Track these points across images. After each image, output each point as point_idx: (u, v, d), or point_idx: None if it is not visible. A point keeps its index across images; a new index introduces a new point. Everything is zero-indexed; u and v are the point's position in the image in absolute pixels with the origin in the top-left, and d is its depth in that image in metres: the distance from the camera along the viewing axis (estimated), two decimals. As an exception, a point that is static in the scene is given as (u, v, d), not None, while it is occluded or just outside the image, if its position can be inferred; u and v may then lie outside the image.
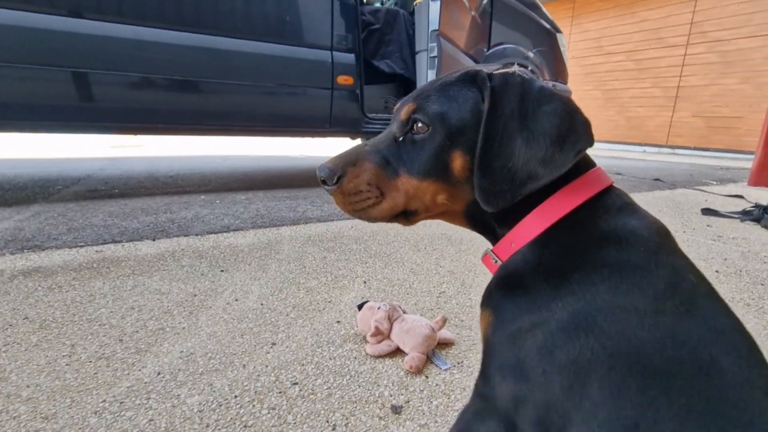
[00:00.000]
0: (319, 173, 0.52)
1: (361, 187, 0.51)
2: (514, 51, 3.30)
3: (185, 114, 2.19)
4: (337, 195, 0.52)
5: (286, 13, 2.34)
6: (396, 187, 0.51)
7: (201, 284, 1.17)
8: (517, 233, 0.47)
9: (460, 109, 0.48)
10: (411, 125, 0.51)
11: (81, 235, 1.52)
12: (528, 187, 0.43)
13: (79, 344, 0.86)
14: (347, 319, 1.00)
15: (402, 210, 0.52)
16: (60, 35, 1.81)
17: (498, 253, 0.50)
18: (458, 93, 0.49)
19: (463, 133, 0.48)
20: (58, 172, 3.09)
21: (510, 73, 0.47)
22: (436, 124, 0.48)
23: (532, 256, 0.45)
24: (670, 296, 0.36)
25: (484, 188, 0.44)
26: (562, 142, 0.42)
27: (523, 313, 0.40)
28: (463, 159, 0.48)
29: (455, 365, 0.84)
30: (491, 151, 0.44)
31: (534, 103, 0.44)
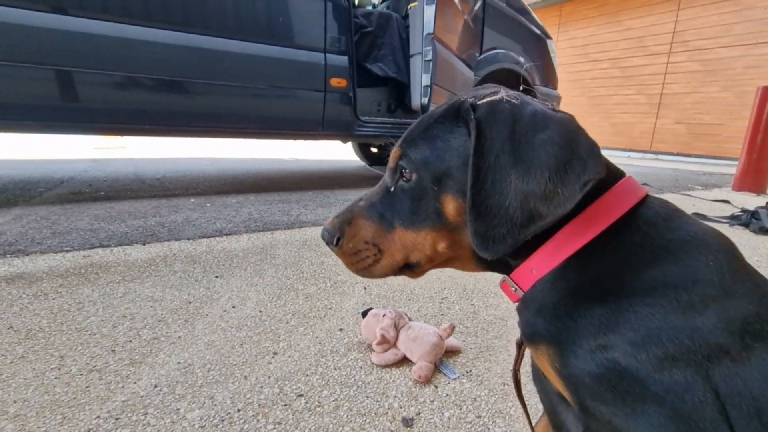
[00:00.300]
0: (322, 236, 0.52)
1: (359, 247, 0.49)
2: (505, 56, 3.33)
3: (174, 115, 2.14)
4: (340, 256, 0.51)
5: (278, 14, 2.31)
6: (394, 241, 0.48)
7: (196, 291, 1.12)
8: (538, 260, 0.43)
9: (444, 149, 0.44)
10: (399, 173, 0.48)
11: (66, 240, 1.45)
12: (531, 228, 0.38)
13: (68, 355, 0.81)
14: (350, 327, 0.98)
15: (403, 264, 0.49)
16: (43, 32, 1.74)
17: (518, 280, 0.46)
18: (441, 132, 0.45)
19: (450, 175, 0.44)
20: (39, 173, 2.99)
21: (497, 101, 0.42)
22: (420, 170, 0.45)
23: (567, 281, 0.41)
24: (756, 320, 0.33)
25: (480, 233, 0.39)
26: (564, 174, 0.37)
27: (587, 341, 0.37)
28: (456, 202, 0.44)
29: (464, 374, 0.82)
30: (483, 191, 0.39)
31: (527, 131, 0.39)
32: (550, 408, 0.46)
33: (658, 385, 0.33)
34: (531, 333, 0.43)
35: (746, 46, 6.79)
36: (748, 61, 6.78)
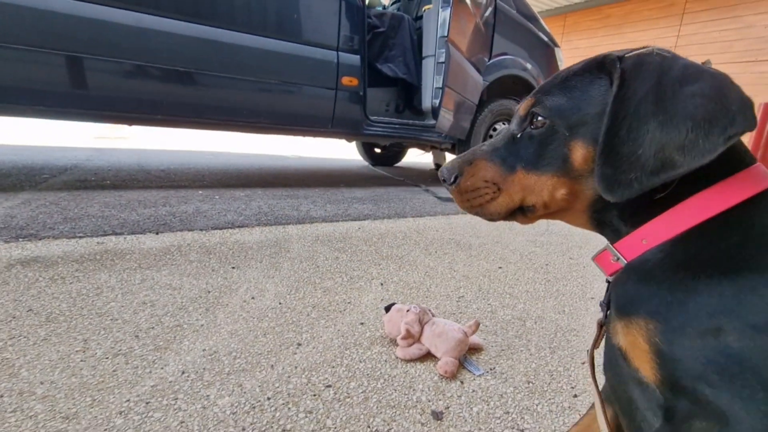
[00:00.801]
0: (441, 174, 0.54)
1: (477, 184, 0.51)
2: (513, 62, 3.36)
3: (187, 106, 2.13)
4: (455, 193, 0.53)
5: (293, 10, 2.31)
6: (513, 183, 0.50)
7: (213, 280, 1.12)
8: (651, 229, 0.42)
9: (582, 98, 0.45)
10: (529, 120, 0.49)
11: (78, 225, 1.44)
12: (661, 176, 0.37)
13: (92, 339, 0.80)
14: (371, 321, 0.98)
15: (518, 205, 0.51)
16: (59, 17, 1.73)
17: (623, 249, 0.45)
18: (581, 81, 0.46)
19: (585, 123, 0.44)
20: (42, 160, 2.96)
21: (646, 53, 0.42)
22: (555, 116, 0.46)
23: (685, 254, 0.39)
24: None
25: (607, 176, 0.40)
26: (709, 126, 0.36)
27: (700, 318, 0.35)
28: (585, 150, 0.44)
29: (488, 371, 0.82)
30: (617, 136, 0.39)
31: (675, 83, 0.38)
32: (625, 398, 0.44)
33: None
34: (628, 304, 0.42)
35: (746, 63, 6.90)
36: (749, 78, 6.87)
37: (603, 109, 0.42)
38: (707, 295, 0.36)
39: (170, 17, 1.96)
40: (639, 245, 0.43)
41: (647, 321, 0.39)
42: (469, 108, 2.99)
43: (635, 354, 0.40)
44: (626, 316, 0.41)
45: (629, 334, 0.41)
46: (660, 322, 0.38)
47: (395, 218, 2.01)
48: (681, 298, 0.37)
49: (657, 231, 0.42)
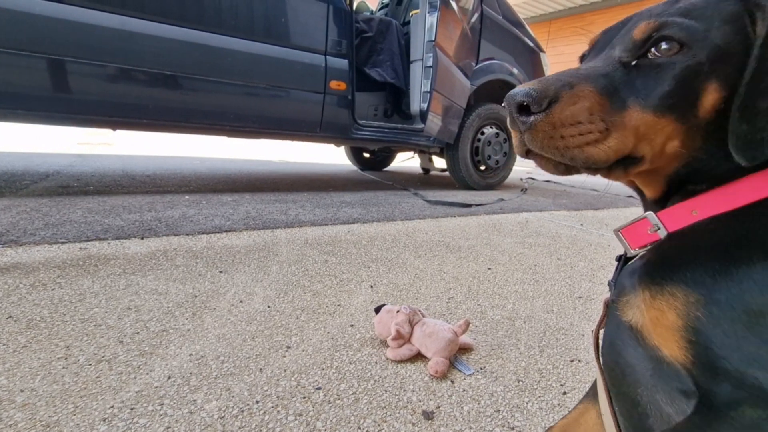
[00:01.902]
0: (520, 96, 0.40)
1: (580, 117, 0.39)
2: (500, 67, 3.40)
3: (173, 111, 2.11)
4: (541, 126, 0.40)
5: (281, 14, 2.31)
6: (623, 124, 0.39)
7: (200, 285, 1.10)
8: (707, 200, 0.39)
9: (725, 29, 0.37)
10: (650, 46, 0.40)
11: (61, 231, 1.41)
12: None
13: (74, 345, 0.78)
14: (361, 323, 0.97)
15: (627, 154, 0.41)
16: (41, 19, 1.70)
17: (665, 219, 0.42)
18: (719, 11, 0.38)
19: (727, 60, 0.37)
20: (22, 166, 2.89)
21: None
22: (696, 42, 0.37)
23: (740, 228, 0.37)
24: None
25: (742, 134, 0.35)
26: None
27: (752, 293, 0.33)
28: (719, 94, 0.37)
29: (478, 370, 0.82)
30: (759, 88, 0.35)
31: None
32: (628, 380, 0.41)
33: None
34: (663, 272, 0.38)
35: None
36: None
37: (744, 50, 0.37)
38: (763, 269, 0.33)
39: (155, 20, 1.94)
40: (688, 216, 0.40)
41: (687, 292, 0.35)
42: (457, 112, 3.02)
43: (659, 330, 0.36)
44: (657, 285, 0.38)
45: (654, 307, 0.37)
46: (703, 295, 0.34)
47: (384, 221, 2.01)
48: (732, 271, 0.34)
49: (712, 203, 0.39)
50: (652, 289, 0.38)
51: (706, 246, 0.38)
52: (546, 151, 0.40)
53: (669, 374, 0.36)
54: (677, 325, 0.35)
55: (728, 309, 0.33)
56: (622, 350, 0.41)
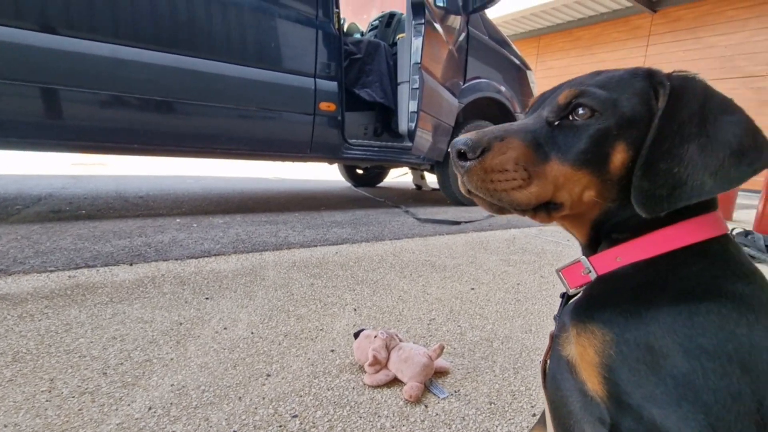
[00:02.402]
0: (458, 145, 0.46)
1: (507, 165, 0.45)
2: (488, 85, 3.49)
3: (164, 135, 2.15)
4: (475, 171, 0.46)
5: (271, 40, 2.38)
6: (545, 173, 0.45)
7: (186, 312, 1.13)
8: (628, 248, 0.44)
9: (631, 100, 0.44)
10: (570, 110, 0.46)
11: (50, 259, 1.43)
12: (689, 197, 0.39)
13: (58, 378, 0.80)
14: (341, 348, 1.00)
15: (548, 200, 0.47)
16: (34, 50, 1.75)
17: (596, 263, 0.47)
18: (629, 85, 0.45)
19: (632, 126, 0.43)
20: (15, 190, 2.92)
21: (691, 77, 0.44)
22: (606, 109, 0.44)
23: (653, 274, 0.42)
24: None
25: (643, 190, 0.40)
26: (741, 157, 0.39)
27: (655, 334, 0.37)
28: (626, 154, 0.43)
29: (452, 394, 0.85)
30: (659, 151, 0.41)
31: (716, 110, 0.41)
32: (563, 411, 0.44)
33: (710, 394, 0.33)
34: (587, 311, 0.43)
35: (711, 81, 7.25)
36: (711, 95, 7.23)
37: (648, 118, 0.43)
38: (666, 313, 0.38)
39: (146, 48, 2.00)
40: (613, 261, 0.45)
41: (603, 331, 0.40)
42: (446, 130, 3.09)
43: (584, 365, 0.41)
44: (581, 323, 0.42)
45: (579, 344, 0.42)
46: (616, 334, 0.39)
47: (373, 241, 2.04)
48: (641, 313, 0.39)
49: (633, 251, 0.44)
50: (578, 327, 0.43)
51: (624, 289, 0.42)
52: (479, 192, 0.47)
53: (593, 406, 0.39)
54: (596, 362, 0.39)
55: (635, 348, 0.37)
56: (560, 382, 0.44)
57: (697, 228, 0.43)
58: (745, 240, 2.15)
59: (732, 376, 0.34)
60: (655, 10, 7.86)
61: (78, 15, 1.83)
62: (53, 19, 1.78)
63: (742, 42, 6.83)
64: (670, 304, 0.38)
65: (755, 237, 2.15)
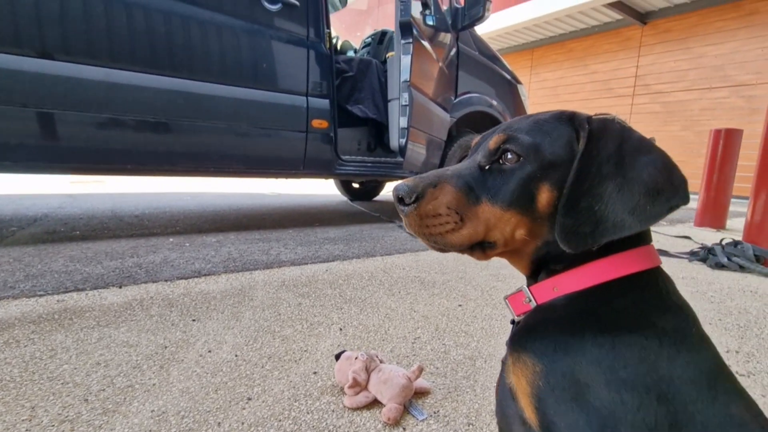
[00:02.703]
0: (397, 191, 0.50)
1: (440, 210, 0.48)
2: (479, 99, 3.54)
3: (158, 155, 2.18)
4: (412, 216, 0.49)
5: (263, 60, 2.43)
6: (477, 215, 0.49)
7: (172, 335, 1.13)
8: (564, 279, 0.47)
9: (554, 144, 0.47)
10: (500, 155, 0.49)
11: (40, 283, 1.45)
12: (611, 233, 0.41)
13: (39, 406, 0.81)
14: (324, 370, 1.00)
15: (481, 240, 0.50)
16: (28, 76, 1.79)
17: (535, 293, 0.50)
18: (553, 128, 0.48)
19: (555, 168, 0.46)
20: (11, 211, 2.94)
21: (610, 120, 0.47)
22: (529, 154, 0.47)
23: (584, 306, 0.44)
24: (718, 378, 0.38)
25: (566, 227, 0.43)
26: (657, 195, 0.41)
27: (580, 365, 0.39)
28: (550, 194, 0.46)
29: (431, 415, 0.85)
30: (580, 190, 0.43)
31: (632, 151, 0.43)
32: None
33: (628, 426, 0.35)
34: (522, 342, 0.45)
35: (701, 90, 7.35)
36: (704, 104, 7.31)
37: (570, 159, 0.46)
38: (591, 345, 0.40)
39: (139, 71, 2.04)
40: (550, 291, 0.48)
41: (534, 362, 0.42)
42: (437, 145, 3.12)
43: (519, 395, 0.43)
44: (516, 352, 0.45)
45: (515, 373, 0.44)
46: (545, 365, 0.41)
47: (364, 258, 2.06)
48: (569, 344, 0.41)
49: (569, 281, 0.46)
50: (513, 357, 0.45)
51: (557, 320, 0.45)
52: (418, 235, 0.50)
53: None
54: (527, 391, 0.41)
55: (561, 379, 0.39)
56: (505, 409, 0.46)
57: (629, 261, 0.45)
58: (735, 250, 2.16)
59: (650, 407, 0.35)
60: (644, 22, 8.00)
61: (74, 41, 1.87)
62: (50, 45, 1.82)
63: (732, 51, 6.93)
64: (596, 335, 0.40)
65: (744, 247, 2.16)
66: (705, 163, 3.93)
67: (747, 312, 1.53)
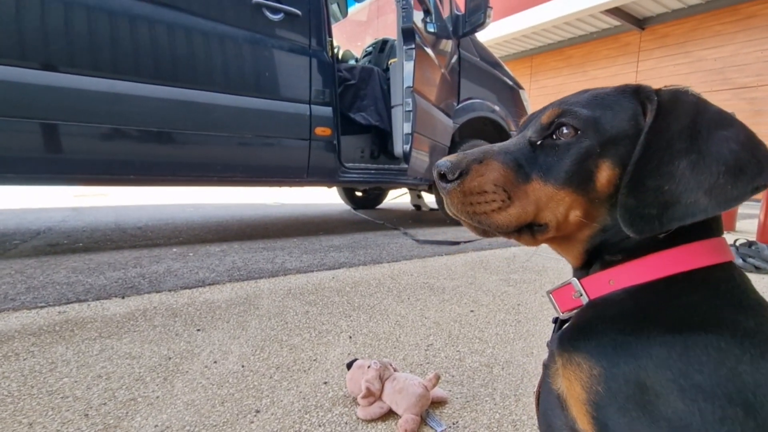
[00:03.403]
0: (439, 167, 0.46)
1: (486, 187, 0.44)
2: (481, 105, 3.53)
3: (161, 165, 2.16)
4: (454, 194, 0.45)
5: (266, 70, 2.42)
6: (526, 194, 0.44)
7: (176, 345, 1.09)
8: (622, 271, 0.42)
9: (616, 117, 0.43)
10: (554, 130, 0.45)
11: (41, 295, 1.41)
12: (683, 217, 0.36)
13: (38, 422, 0.77)
14: (335, 380, 0.96)
15: (530, 221, 0.45)
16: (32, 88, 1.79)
17: (587, 287, 0.45)
18: (614, 102, 0.44)
19: (617, 143, 0.42)
20: (15, 224, 2.92)
21: (683, 91, 0.42)
22: (588, 128, 0.43)
23: (647, 301, 0.39)
24: None
25: (629, 208, 0.38)
26: (739, 174, 0.35)
27: (647, 369, 0.34)
28: (612, 172, 0.42)
29: (450, 426, 0.81)
30: (647, 167, 0.39)
31: (710, 125, 0.39)
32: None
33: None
34: (574, 340, 0.40)
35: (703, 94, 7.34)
36: (705, 107, 7.30)
37: (636, 135, 0.42)
38: (660, 346, 0.35)
39: (143, 82, 2.03)
40: (606, 285, 0.43)
41: (590, 364, 0.37)
42: (441, 150, 3.10)
43: (571, 402, 0.38)
44: (567, 353, 0.40)
45: (566, 377, 0.39)
46: (604, 368, 0.36)
47: (371, 264, 2.02)
48: (632, 344, 0.36)
49: (627, 274, 0.42)
50: (564, 358, 0.40)
51: (615, 317, 0.39)
52: (460, 214, 0.46)
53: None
54: (583, 398, 0.36)
55: (624, 385, 0.34)
56: (551, 418, 0.41)
57: (699, 253, 0.40)
58: (749, 251, 2.11)
59: (734, 419, 0.30)
60: (643, 28, 8.04)
61: (78, 53, 1.87)
62: (53, 57, 1.82)
63: (732, 54, 6.94)
64: (664, 335, 0.35)
65: (759, 247, 2.11)
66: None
67: None
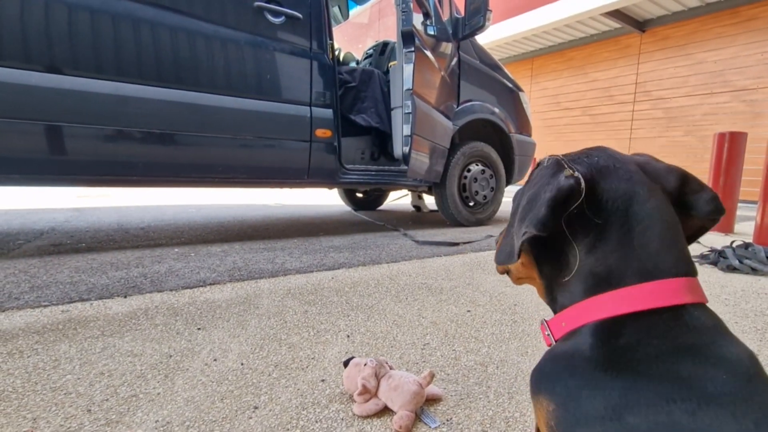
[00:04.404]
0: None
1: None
2: (481, 107, 3.55)
3: (163, 166, 2.19)
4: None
5: (267, 72, 2.45)
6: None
7: (177, 344, 1.12)
8: (570, 314, 0.45)
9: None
10: None
11: (45, 294, 1.43)
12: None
13: (41, 417, 0.79)
14: (332, 377, 0.98)
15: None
16: (36, 90, 1.81)
17: (552, 328, 0.49)
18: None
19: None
20: (18, 225, 2.95)
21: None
22: None
23: (593, 344, 0.41)
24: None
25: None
26: (521, 224, 0.47)
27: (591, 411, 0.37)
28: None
29: (444, 422, 0.82)
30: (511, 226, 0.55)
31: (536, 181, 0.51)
32: None
33: None
34: (538, 380, 0.44)
35: (702, 96, 7.35)
36: (706, 109, 7.31)
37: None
38: (601, 388, 0.37)
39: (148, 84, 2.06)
40: (560, 327, 0.46)
41: (549, 403, 0.40)
42: (441, 152, 3.12)
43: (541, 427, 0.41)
44: (536, 395, 0.44)
45: (539, 409, 0.43)
46: (559, 406, 0.39)
47: (370, 265, 2.03)
48: (579, 386, 0.39)
49: (574, 317, 0.44)
50: (533, 396, 0.44)
51: (566, 360, 0.42)
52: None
53: None
54: (545, 430, 0.40)
55: (573, 423, 0.37)
56: None
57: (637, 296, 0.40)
58: (746, 252, 2.12)
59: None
60: (643, 30, 8.05)
61: (82, 55, 1.89)
62: (58, 59, 1.85)
63: (732, 57, 6.94)
64: (604, 379, 0.38)
65: (755, 249, 2.12)
66: (710, 167, 3.90)
67: (764, 314, 1.49)
